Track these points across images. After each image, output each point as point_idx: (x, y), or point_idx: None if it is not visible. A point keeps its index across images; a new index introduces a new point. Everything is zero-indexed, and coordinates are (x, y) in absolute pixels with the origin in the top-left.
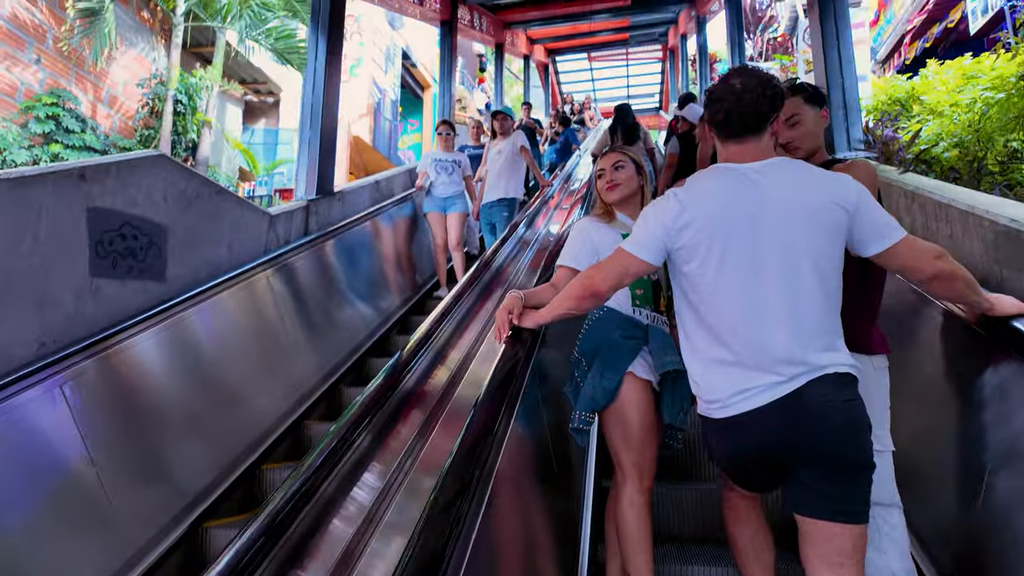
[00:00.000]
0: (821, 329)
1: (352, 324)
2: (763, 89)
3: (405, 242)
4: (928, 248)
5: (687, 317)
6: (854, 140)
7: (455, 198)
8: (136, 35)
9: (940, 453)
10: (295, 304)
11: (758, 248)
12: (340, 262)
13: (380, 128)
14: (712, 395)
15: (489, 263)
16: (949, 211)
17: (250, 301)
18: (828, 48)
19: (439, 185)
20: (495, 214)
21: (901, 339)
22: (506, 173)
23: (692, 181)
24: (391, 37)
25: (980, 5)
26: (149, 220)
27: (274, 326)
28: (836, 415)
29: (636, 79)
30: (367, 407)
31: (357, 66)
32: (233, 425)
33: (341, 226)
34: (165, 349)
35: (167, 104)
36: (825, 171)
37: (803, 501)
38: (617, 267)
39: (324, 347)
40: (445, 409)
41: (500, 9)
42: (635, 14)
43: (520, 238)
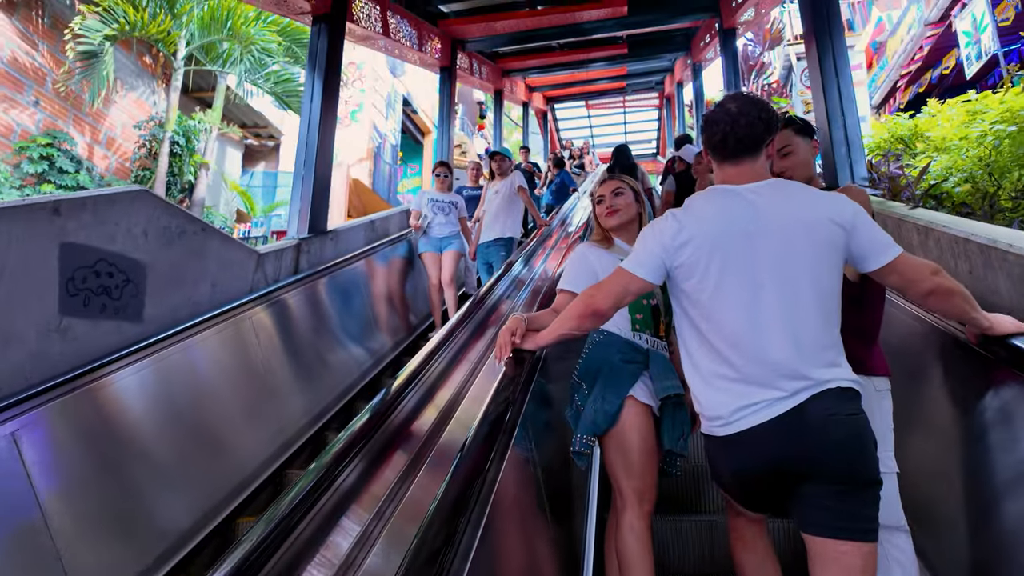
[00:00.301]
0: (822, 344)
1: (342, 366)
2: (758, 112)
3: (400, 282)
4: (925, 264)
5: (688, 335)
6: (858, 177)
7: (451, 238)
8: (137, 79)
9: (948, 477)
10: (281, 345)
11: (757, 265)
12: (331, 301)
13: (380, 171)
14: (714, 412)
15: (483, 300)
16: (968, 246)
17: (232, 341)
18: (828, 86)
19: (435, 225)
20: (492, 254)
21: (903, 364)
22: (503, 213)
23: (690, 201)
24: (392, 84)
25: (974, 51)
26: (127, 257)
27: (257, 368)
28: (840, 429)
29: (633, 126)
30: (349, 445)
31: (358, 111)
32: (209, 475)
33: (333, 265)
34: (137, 393)
35: (164, 145)
36: (820, 191)
37: (810, 519)
38: (617, 286)
39: (311, 390)
40: (432, 450)
41: (499, 57)
42: (632, 62)
43: (516, 276)
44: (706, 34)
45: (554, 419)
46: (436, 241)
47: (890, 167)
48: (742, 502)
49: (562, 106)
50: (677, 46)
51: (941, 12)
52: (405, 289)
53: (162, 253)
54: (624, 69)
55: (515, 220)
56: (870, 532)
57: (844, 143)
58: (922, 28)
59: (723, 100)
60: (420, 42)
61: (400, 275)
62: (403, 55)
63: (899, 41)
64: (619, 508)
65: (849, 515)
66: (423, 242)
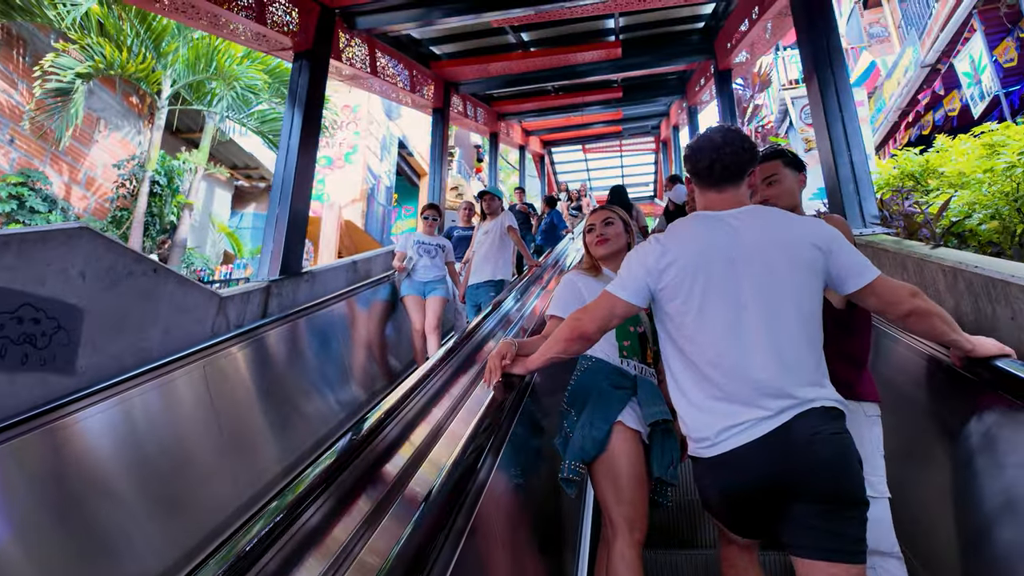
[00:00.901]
0: (805, 364)
1: (314, 416)
2: (742, 142)
3: (383, 326)
4: (903, 286)
5: (674, 358)
6: (869, 216)
7: (436, 283)
8: (123, 119)
9: (939, 503)
10: (240, 396)
11: (739, 287)
12: (303, 347)
13: (373, 213)
14: (700, 433)
15: (470, 336)
16: (1008, 289)
17: (182, 394)
18: (831, 120)
19: (420, 268)
20: (481, 295)
21: (892, 389)
22: (493, 254)
23: (672, 227)
24: (388, 127)
25: (976, 91)
26: (60, 301)
27: (208, 424)
28: (825, 447)
29: (630, 169)
30: (309, 490)
31: (352, 153)
32: (141, 551)
33: (307, 308)
34: (52, 456)
35: (143, 185)
36: (799, 216)
37: (799, 541)
38: (603, 309)
39: (274, 447)
40: (399, 496)
41: (494, 100)
42: (627, 106)
43: (504, 315)
44: (701, 77)
45: (544, 447)
46: (420, 285)
47: (904, 204)
48: (731, 526)
49: (559, 150)
50: (672, 89)
51: (938, 55)
52: (389, 333)
53: (104, 296)
54: (620, 113)
55: (505, 261)
56: (858, 554)
57: (852, 180)
58: (919, 70)
59: (708, 130)
60: (412, 83)
61: (384, 318)
62: (395, 96)
63: (895, 83)
64: (609, 537)
65: (836, 536)
66: (406, 284)
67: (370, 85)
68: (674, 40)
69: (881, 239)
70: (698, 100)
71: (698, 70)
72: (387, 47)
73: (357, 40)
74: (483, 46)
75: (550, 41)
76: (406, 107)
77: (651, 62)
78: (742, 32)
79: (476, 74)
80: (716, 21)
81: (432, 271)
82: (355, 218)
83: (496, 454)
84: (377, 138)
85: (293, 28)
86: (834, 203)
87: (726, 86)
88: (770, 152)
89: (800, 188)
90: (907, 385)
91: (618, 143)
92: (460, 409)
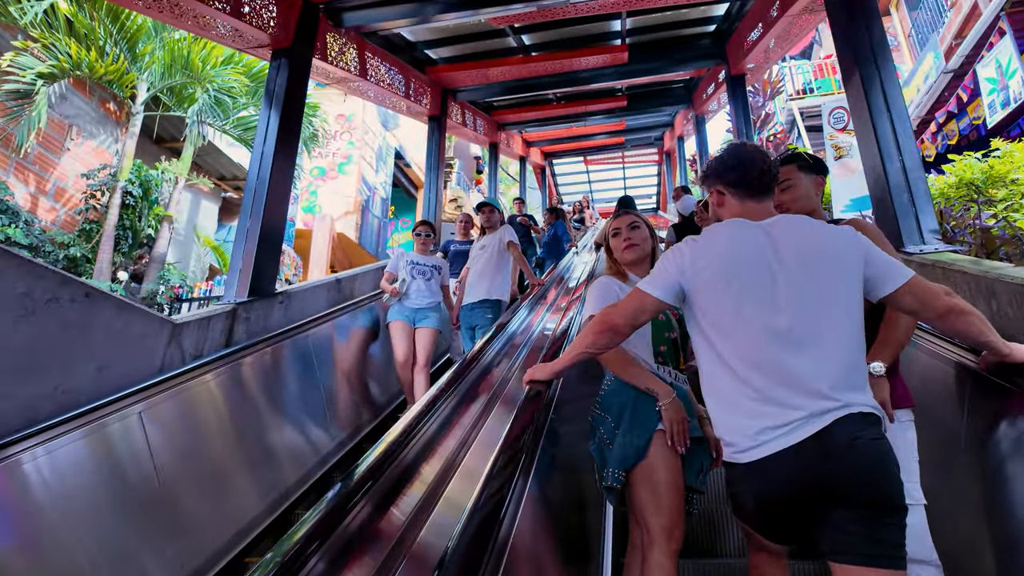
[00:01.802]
0: (845, 367)
1: (285, 465)
2: (768, 157)
3: (369, 354)
4: (937, 285)
5: (709, 361)
6: (928, 230)
7: (429, 310)
8: (98, 126)
9: (975, 511)
10: (192, 441)
11: (777, 290)
12: (274, 380)
13: (368, 225)
14: (737, 436)
15: (476, 359)
16: None
17: (117, 442)
18: (878, 121)
19: (413, 293)
20: (476, 317)
21: (921, 399)
22: (491, 271)
23: (707, 230)
24: (384, 137)
25: (999, 98)
26: None
27: (147, 478)
28: (866, 453)
29: (633, 180)
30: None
31: (346, 164)
32: None
33: (280, 334)
34: None
35: (114, 196)
36: (828, 224)
37: (838, 546)
38: (632, 305)
39: (232, 500)
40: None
41: (494, 109)
42: (631, 115)
43: (510, 336)
44: (710, 84)
45: (568, 464)
46: (410, 311)
47: (980, 219)
48: (764, 532)
49: (560, 161)
50: (678, 99)
51: (961, 60)
52: (374, 363)
53: (12, 330)
54: (623, 123)
55: (504, 279)
56: (899, 560)
57: (905, 188)
58: (939, 76)
59: (737, 144)
60: (407, 89)
61: (369, 344)
62: (389, 103)
63: (915, 91)
64: (645, 546)
65: (877, 541)
66: (395, 309)
67: (361, 90)
68: (683, 44)
69: (951, 258)
70: (705, 109)
71: (706, 77)
72: (378, 49)
73: (344, 39)
74: (482, 50)
75: (553, 45)
76: (404, 116)
77: (659, 68)
78: (757, 35)
79: (475, 80)
80: (729, 24)
81: (425, 296)
82: (349, 231)
83: (518, 501)
84: (373, 148)
85: (271, 24)
86: (883, 215)
87: (739, 91)
88: (785, 156)
89: (818, 191)
90: (933, 392)
91: (620, 155)
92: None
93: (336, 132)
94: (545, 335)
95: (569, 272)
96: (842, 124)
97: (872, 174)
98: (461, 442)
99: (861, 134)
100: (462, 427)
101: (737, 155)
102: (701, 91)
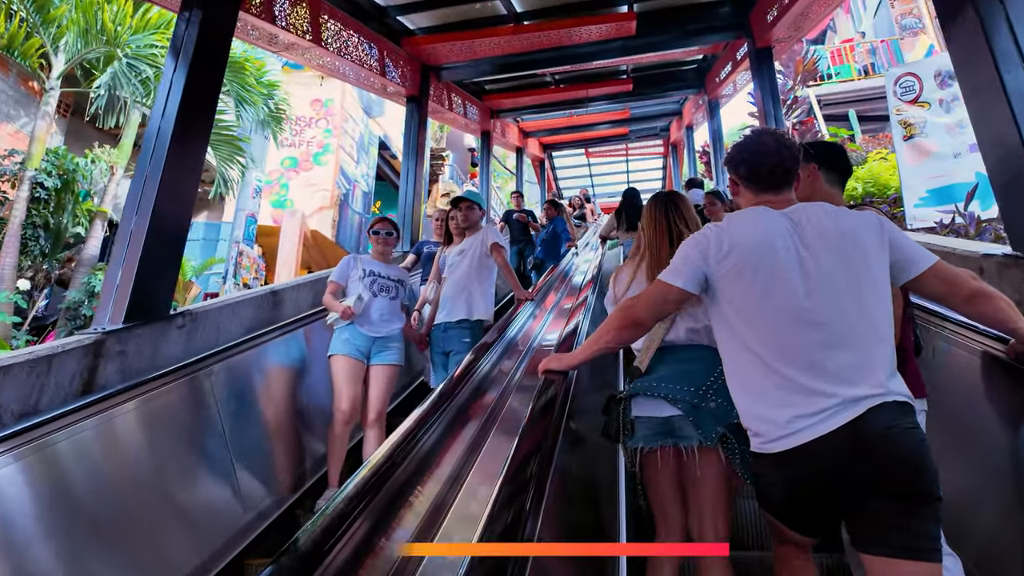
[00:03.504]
0: (877, 354)
1: (155, 560)
2: (792, 148)
3: (296, 396)
4: (963, 269)
5: (733, 349)
6: None
7: (389, 340)
8: (18, 107)
9: (996, 504)
10: None
11: (805, 276)
12: (143, 444)
13: (347, 221)
14: (766, 427)
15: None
16: None
17: None
18: (1008, 75)
19: (375, 315)
20: (452, 340)
21: (942, 388)
22: (470, 283)
23: (730, 216)
24: (366, 124)
25: None
26: None
27: None
28: (902, 442)
29: (637, 174)
30: None
31: (322, 154)
32: None
33: (176, 371)
34: None
35: (21, 188)
36: (850, 210)
37: (873, 539)
38: (655, 296)
39: None
40: None
41: (486, 94)
42: (637, 101)
43: (485, 378)
44: (726, 63)
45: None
46: (365, 341)
47: None
48: (792, 524)
49: (560, 153)
50: (689, 82)
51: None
52: (305, 410)
53: None
54: (627, 112)
55: (485, 294)
56: (935, 552)
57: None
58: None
59: (757, 133)
60: (381, 64)
61: (300, 383)
62: (357, 79)
63: None
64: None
65: (913, 533)
66: (343, 337)
67: (321, 62)
68: (700, 12)
69: None
70: (719, 93)
71: (723, 55)
72: (338, 11)
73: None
74: (466, 17)
75: (549, 12)
76: (391, 103)
77: (670, 42)
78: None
79: (460, 55)
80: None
81: (388, 321)
82: (324, 228)
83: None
84: (353, 137)
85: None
86: (1015, 207)
87: (766, 67)
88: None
89: (812, 180)
90: (958, 383)
91: (624, 146)
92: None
93: (311, 119)
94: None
95: (570, 275)
96: (913, 95)
97: (995, 150)
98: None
99: (975, 96)
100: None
101: (750, 148)
102: (715, 72)
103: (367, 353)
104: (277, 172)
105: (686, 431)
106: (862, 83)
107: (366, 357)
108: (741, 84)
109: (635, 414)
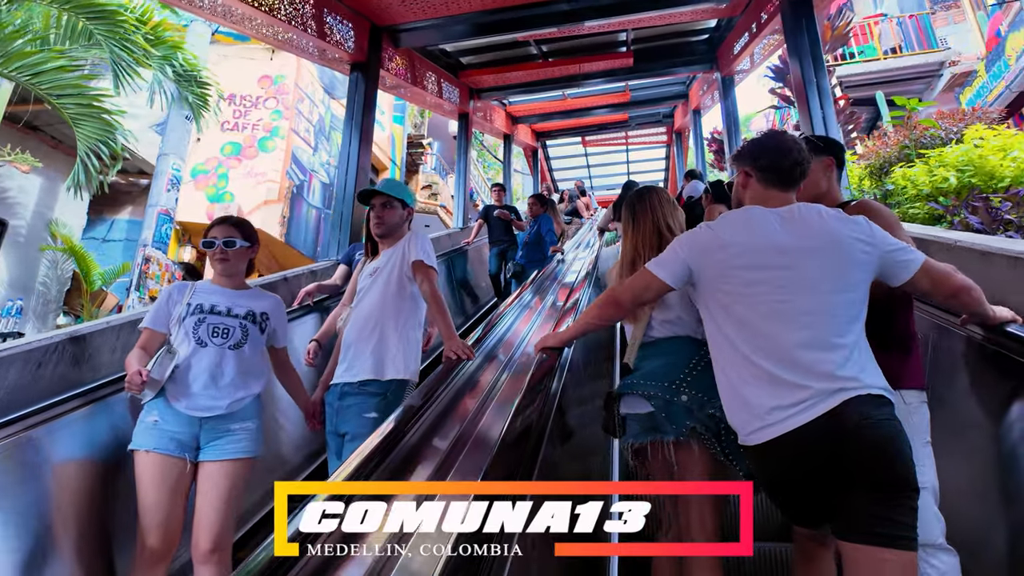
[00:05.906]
0: (854, 351)
1: None
2: (805, 151)
3: (105, 503)
4: (946, 265)
5: (717, 343)
6: None
7: (232, 420)
8: None
9: (984, 493)
10: None
11: (790, 276)
12: None
13: (302, 218)
14: (747, 419)
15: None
16: None
17: None
18: None
19: (201, 375)
20: (350, 413)
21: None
22: (382, 321)
23: (723, 216)
24: (328, 106)
25: None
26: None
27: None
28: (876, 433)
29: (637, 164)
30: None
31: (269, 139)
32: None
33: None
34: None
35: None
36: (840, 213)
37: (849, 526)
38: (639, 283)
39: None
40: None
41: (464, 69)
42: (638, 80)
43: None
44: (744, 31)
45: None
46: (186, 424)
47: None
48: (784, 514)
49: (555, 142)
50: (698, 56)
51: None
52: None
53: None
54: (628, 94)
55: (406, 336)
56: (911, 541)
57: None
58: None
59: (772, 133)
60: (320, 21)
61: (119, 479)
62: (304, 48)
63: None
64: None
65: (887, 521)
66: (145, 425)
67: (224, 13)
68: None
69: None
70: (734, 68)
71: (740, 23)
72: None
73: None
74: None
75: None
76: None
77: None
78: None
79: (423, 11)
80: None
81: (229, 387)
82: (271, 227)
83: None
84: (311, 120)
85: None
86: None
87: (804, 21)
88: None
89: (827, 173)
90: (945, 371)
91: (623, 134)
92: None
93: (258, 98)
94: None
95: (555, 289)
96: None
97: None
98: None
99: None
100: None
101: (775, 139)
102: (731, 42)
103: (192, 444)
104: (215, 160)
105: (663, 426)
106: (891, 62)
107: (191, 450)
108: (758, 57)
109: (624, 411)
